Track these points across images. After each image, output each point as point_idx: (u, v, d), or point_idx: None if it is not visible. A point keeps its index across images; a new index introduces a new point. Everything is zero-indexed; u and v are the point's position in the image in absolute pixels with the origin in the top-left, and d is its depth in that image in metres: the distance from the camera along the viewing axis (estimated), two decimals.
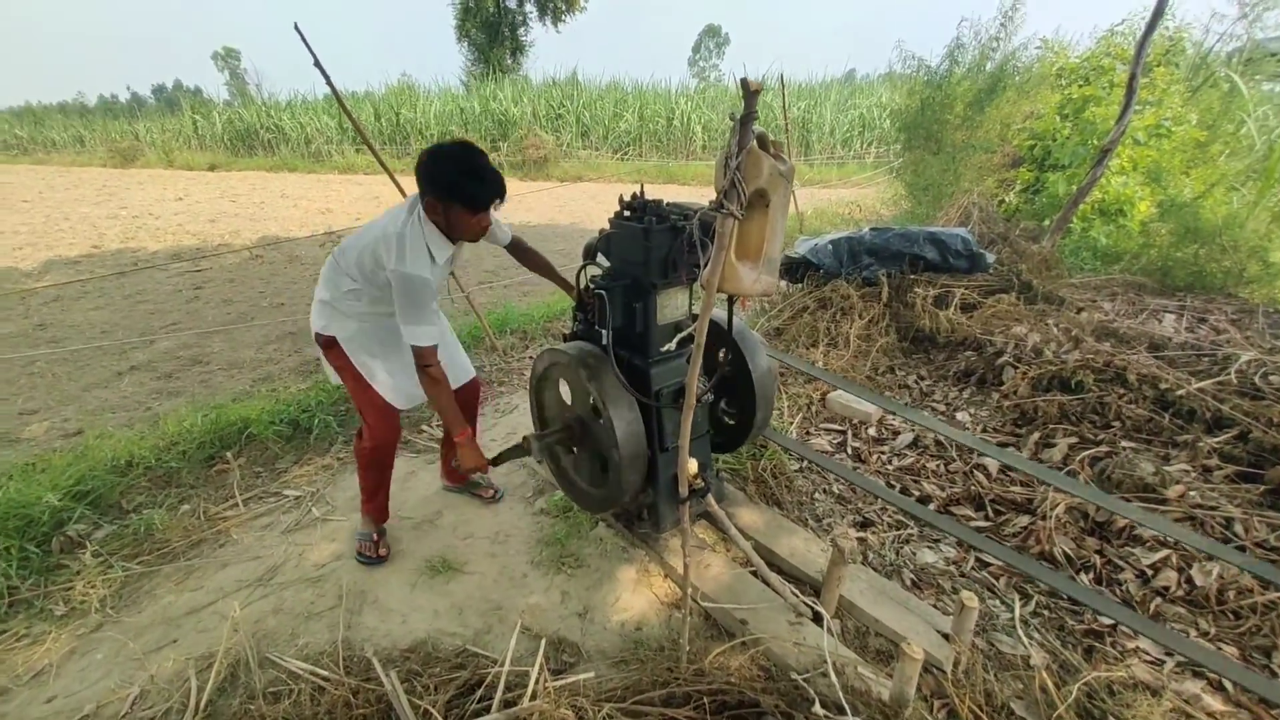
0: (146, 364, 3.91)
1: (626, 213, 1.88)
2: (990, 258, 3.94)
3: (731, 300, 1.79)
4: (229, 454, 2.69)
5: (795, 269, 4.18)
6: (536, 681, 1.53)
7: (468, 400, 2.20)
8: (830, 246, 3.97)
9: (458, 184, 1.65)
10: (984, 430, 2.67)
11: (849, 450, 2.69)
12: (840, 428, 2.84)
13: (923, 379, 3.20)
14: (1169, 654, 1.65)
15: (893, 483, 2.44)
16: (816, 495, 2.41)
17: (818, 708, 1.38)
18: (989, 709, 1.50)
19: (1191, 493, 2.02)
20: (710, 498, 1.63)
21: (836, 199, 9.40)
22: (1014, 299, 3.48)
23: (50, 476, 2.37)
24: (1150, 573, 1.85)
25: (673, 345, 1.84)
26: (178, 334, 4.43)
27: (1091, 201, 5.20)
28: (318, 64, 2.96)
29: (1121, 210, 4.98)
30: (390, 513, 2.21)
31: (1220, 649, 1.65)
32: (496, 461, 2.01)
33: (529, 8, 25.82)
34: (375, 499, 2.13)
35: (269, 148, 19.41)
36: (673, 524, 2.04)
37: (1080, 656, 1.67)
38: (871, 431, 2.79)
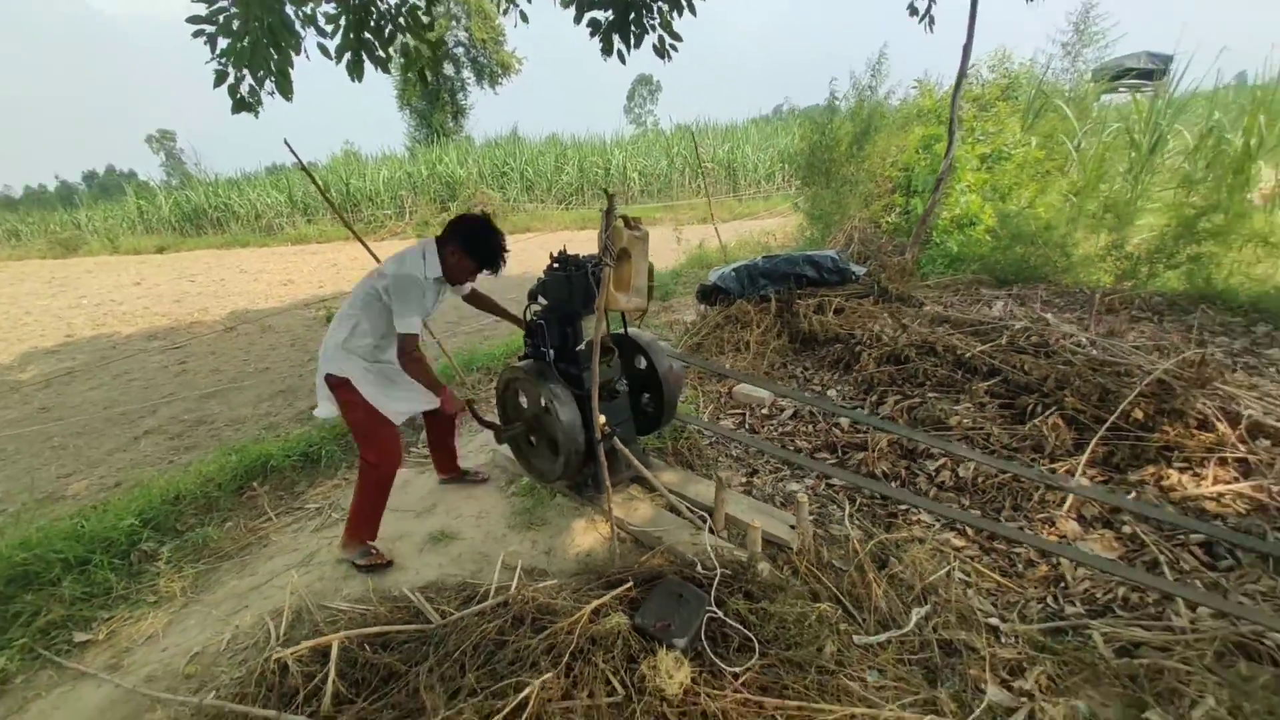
0: (157, 428, 4.47)
1: (555, 264, 2.70)
2: (861, 270, 4.93)
3: (624, 317, 2.62)
4: (255, 483, 3.32)
5: (709, 294, 5.08)
6: (517, 585, 2.24)
7: (447, 422, 2.95)
8: (734, 273, 4.89)
9: (482, 244, 2.44)
10: (843, 400, 3.55)
11: (747, 426, 3.51)
12: (741, 412, 3.67)
13: (806, 369, 4.08)
14: (937, 520, 2.48)
15: (776, 443, 3.26)
16: (720, 459, 3.21)
17: (699, 566, 2.14)
18: (818, 565, 2.29)
19: (966, 421, 2.91)
20: (618, 441, 2.41)
21: (759, 229, 10.53)
22: (874, 302, 4.44)
23: (114, 513, 2.96)
24: (934, 474, 2.71)
25: (582, 346, 2.62)
26: (177, 402, 4.99)
27: (950, 216, 6.34)
28: (305, 169, 3.73)
29: (971, 222, 6.12)
30: (394, 510, 2.87)
31: (968, 511, 2.49)
32: (475, 415, 2.68)
33: (466, 74, 27.21)
34: (371, 519, 2.60)
35: (218, 226, 19.77)
36: (610, 483, 2.79)
37: (882, 530, 2.49)
38: (764, 411, 3.63)
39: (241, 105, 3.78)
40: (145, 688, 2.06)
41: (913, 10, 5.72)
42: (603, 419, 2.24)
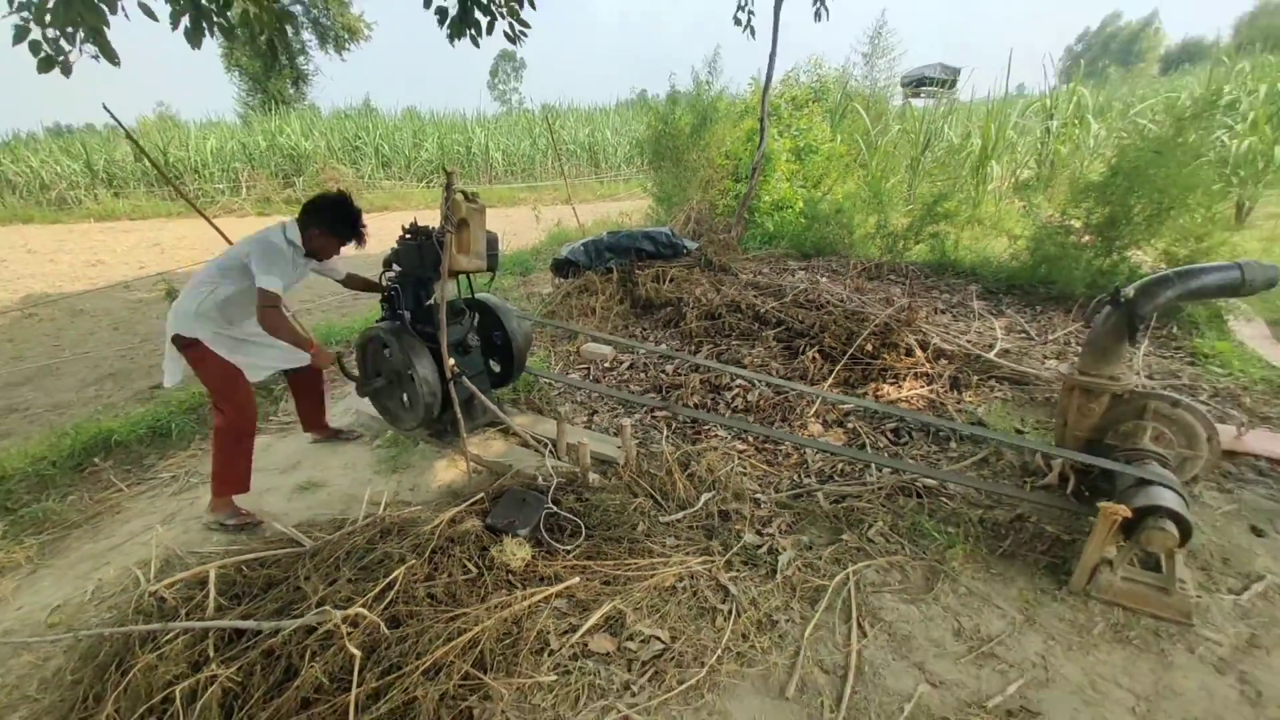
0: None
1: (408, 235, 3.02)
2: (693, 245, 5.69)
3: (471, 282, 3.04)
4: (97, 459, 3.27)
5: (562, 267, 5.57)
6: (384, 508, 2.61)
7: (314, 378, 3.17)
8: (583, 248, 5.42)
9: (342, 222, 2.66)
10: (672, 349, 4.25)
11: (592, 377, 4.08)
12: (587, 366, 4.23)
13: (644, 329, 4.74)
14: (729, 433, 3.23)
15: (614, 388, 3.87)
16: (567, 404, 3.75)
17: (540, 480, 2.66)
18: (638, 473, 2.91)
19: (756, 360, 3.72)
20: (466, 380, 2.84)
21: (617, 210, 11.17)
22: (701, 271, 5.22)
23: None
24: (730, 401, 3.47)
25: (430, 302, 3.00)
26: None
27: (771, 200, 7.38)
28: (130, 136, 3.61)
29: (786, 205, 7.20)
30: (259, 470, 3.05)
31: (751, 424, 3.27)
32: (343, 368, 2.98)
33: (307, 36, 24.81)
34: (237, 475, 2.70)
35: None
36: (468, 429, 3.20)
37: (689, 444, 3.18)
38: (606, 365, 4.23)
39: (50, 64, 3.54)
40: (5, 639, 2.16)
41: (736, 21, 6.55)
42: (452, 361, 2.66)
